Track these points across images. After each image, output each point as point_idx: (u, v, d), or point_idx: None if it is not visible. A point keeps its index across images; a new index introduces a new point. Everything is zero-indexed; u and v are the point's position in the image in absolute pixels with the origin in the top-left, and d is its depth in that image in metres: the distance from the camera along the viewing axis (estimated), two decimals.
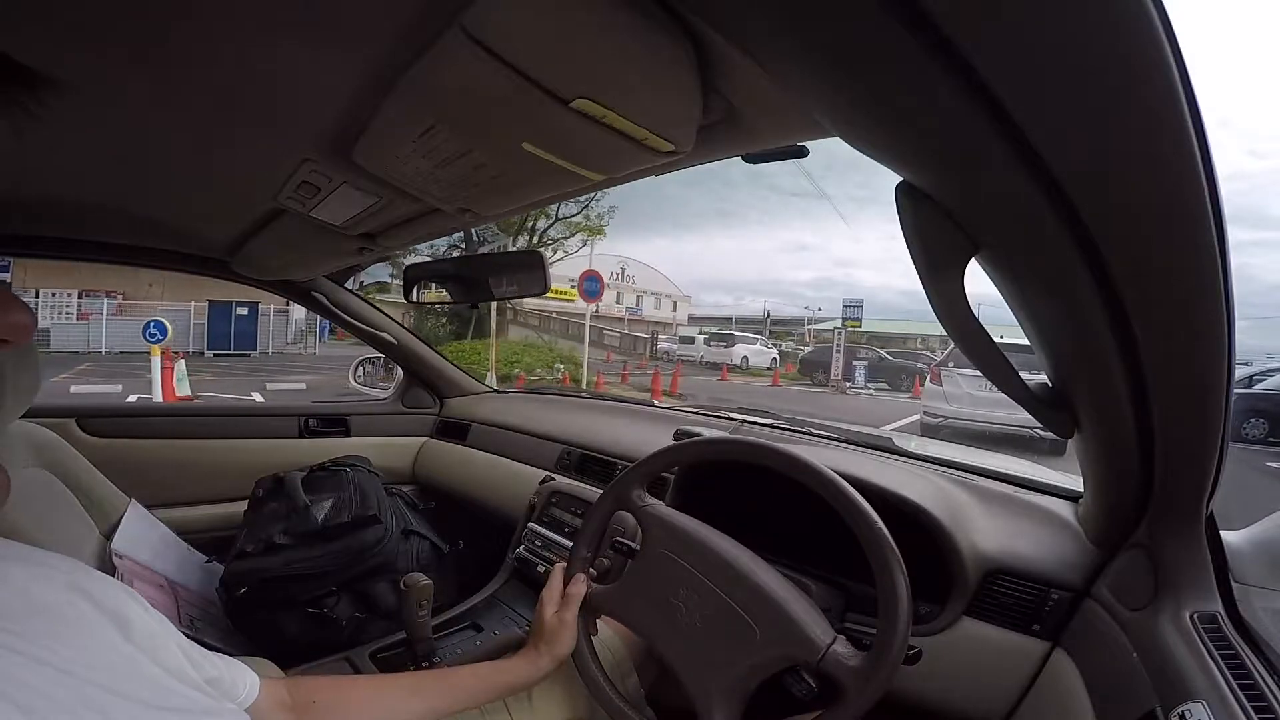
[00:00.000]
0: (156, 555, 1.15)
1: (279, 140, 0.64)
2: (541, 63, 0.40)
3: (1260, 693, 0.46)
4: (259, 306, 13.96)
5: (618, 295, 32.55)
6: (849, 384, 14.18)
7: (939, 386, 6.81)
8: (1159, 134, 0.28)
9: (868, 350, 17.07)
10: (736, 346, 18.60)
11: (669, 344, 20.66)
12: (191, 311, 13.61)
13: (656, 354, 20.30)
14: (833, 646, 0.62)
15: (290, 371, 11.30)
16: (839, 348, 14.69)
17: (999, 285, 0.43)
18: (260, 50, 0.46)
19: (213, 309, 13.53)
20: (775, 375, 15.87)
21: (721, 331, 21.77)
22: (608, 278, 32.85)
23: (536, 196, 0.67)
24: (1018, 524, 0.83)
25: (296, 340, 15.35)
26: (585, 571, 0.78)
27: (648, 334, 21.98)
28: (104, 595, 0.40)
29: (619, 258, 31.93)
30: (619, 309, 24.77)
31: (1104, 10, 0.23)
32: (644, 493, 0.79)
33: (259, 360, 13.44)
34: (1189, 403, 0.46)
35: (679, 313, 36.73)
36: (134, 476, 1.26)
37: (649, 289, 35.27)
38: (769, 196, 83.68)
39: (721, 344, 18.94)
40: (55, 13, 0.40)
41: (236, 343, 13.91)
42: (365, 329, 1.58)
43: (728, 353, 18.08)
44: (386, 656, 0.97)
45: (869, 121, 0.35)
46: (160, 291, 13.78)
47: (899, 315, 34.54)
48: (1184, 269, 0.35)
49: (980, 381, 6.00)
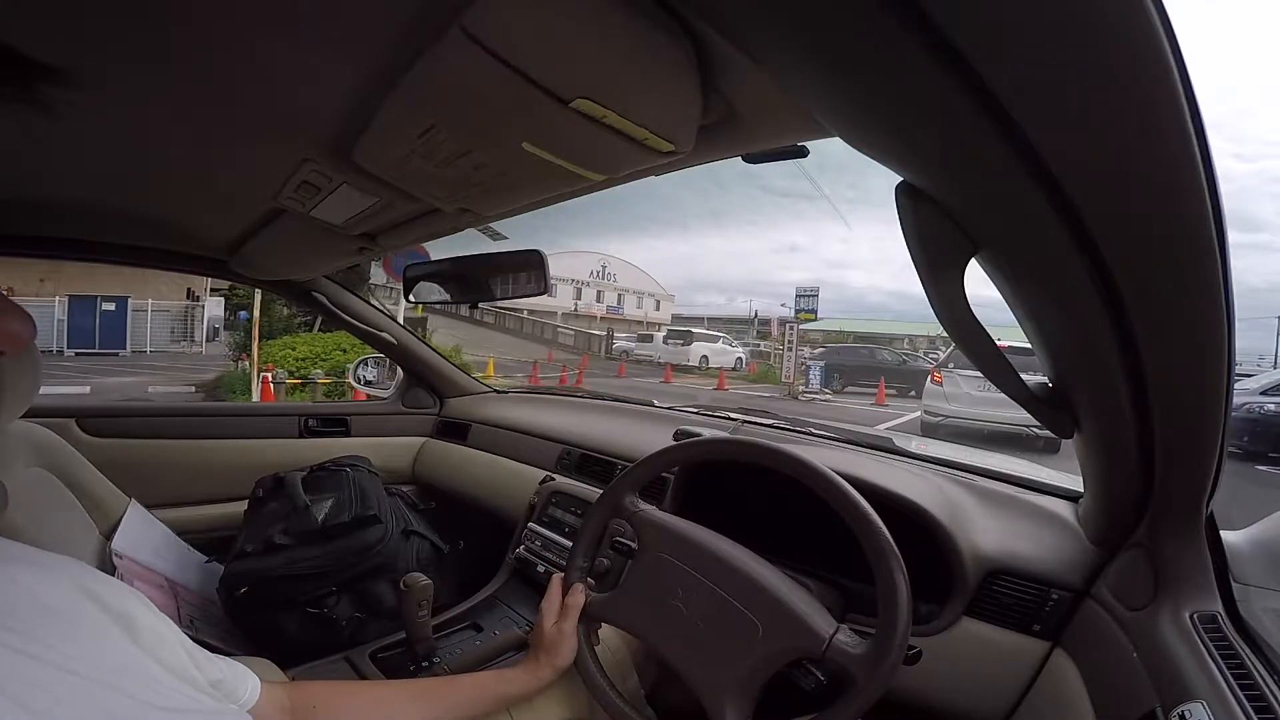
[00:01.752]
0: (156, 555, 1.16)
1: (279, 140, 0.64)
2: (541, 63, 0.40)
3: (1260, 693, 0.46)
4: (129, 301, 12.54)
5: (598, 293, 31.63)
6: (803, 387, 12.48)
7: (940, 387, 7.07)
8: (1159, 134, 0.28)
9: (839, 348, 15.51)
10: (694, 345, 16.95)
11: (627, 342, 19.39)
12: (56, 307, 11.88)
13: (612, 353, 19.05)
14: (836, 636, 0.62)
15: (155, 371, 10.19)
16: (790, 345, 13.22)
17: (999, 285, 0.43)
18: (260, 50, 0.46)
19: (73, 304, 11.96)
20: (721, 377, 13.48)
21: (678, 329, 20.18)
22: (587, 275, 32.41)
23: (536, 196, 0.67)
24: (1018, 524, 0.83)
25: (211, 339, 13.54)
26: (584, 581, 0.78)
27: (604, 332, 20.68)
28: (111, 597, 0.40)
29: (600, 255, 31.06)
30: (599, 307, 23.92)
31: (1104, 11, 0.23)
32: (636, 498, 0.79)
33: (128, 360, 11.98)
34: (1189, 402, 0.46)
35: (662, 311, 35.88)
36: (134, 476, 1.26)
37: (631, 287, 34.48)
38: (760, 197, 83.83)
39: (678, 341, 17.37)
40: (56, 11, 0.40)
41: (102, 340, 12.34)
42: (365, 329, 1.58)
43: (685, 351, 16.65)
44: (386, 656, 0.97)
45: (869, 122, 0.35)
46: (54, 288, 12.01)
47: (889, 315, 34.48)
48: (1184, 269, 0.35)
49: (980, 382, 6.10)
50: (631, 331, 21.65)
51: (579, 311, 21.38)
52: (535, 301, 18.97)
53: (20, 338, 0.31)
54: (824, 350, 15.52)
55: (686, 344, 16.97)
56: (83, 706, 0.33)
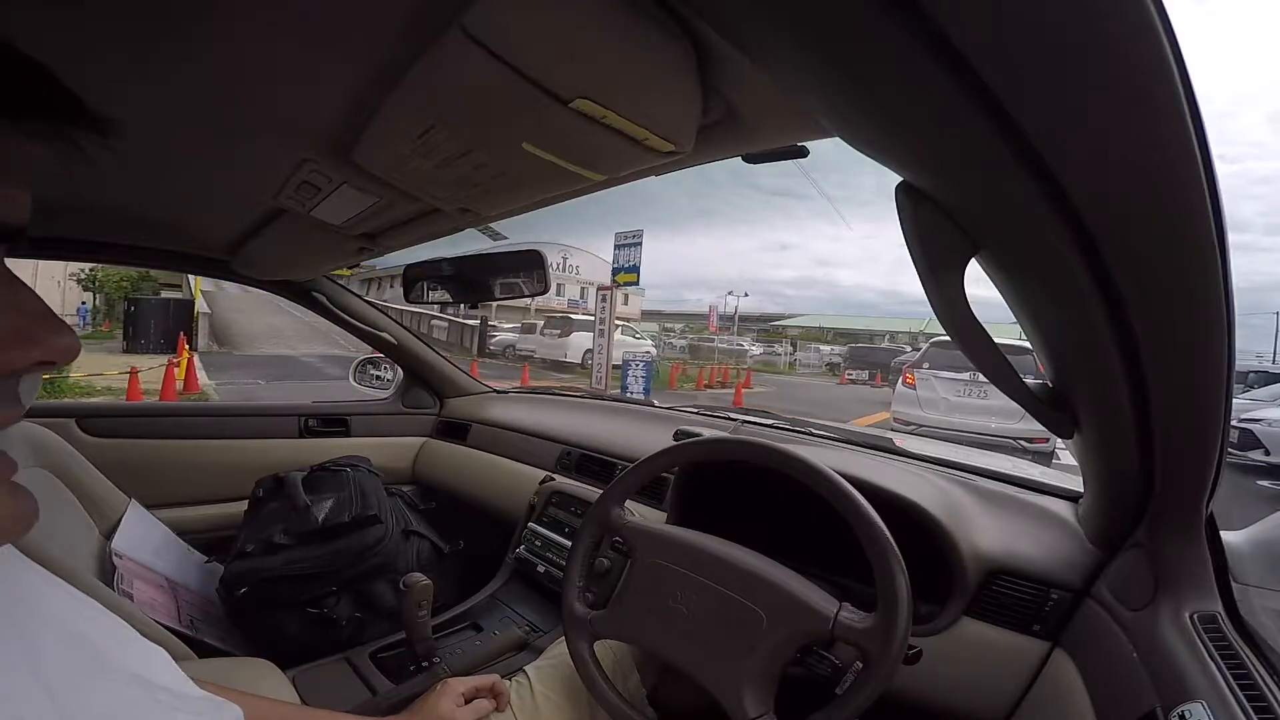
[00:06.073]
0: (156, 555, 1.15)
1: (279, 140, 0.64)
2: (541, 63, 0.40)
3: (1260, 693, 0.46)
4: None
5: (558, 287, 28.53)
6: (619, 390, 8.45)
7: (912, 390, 6.06)
8: (1160, 134, 0.28)
9: (860, 347, 15.62)
10: (574, 337, 12.83)
11: (511, 335, 15.48)
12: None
13: (488, 350, 15.06)
14: (840, 614, 0.62)
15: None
16: (600, 332, 8.99)
17: (999, 285, 0.43)
18: (260, 50, 0.46)
19: None
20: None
21: (556, 317, 15.47)
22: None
23: (536, 196, 0.67)
24: (1018, 524, 0.83)
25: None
26: (581, 599, 0.78)
27: (476, 321, 16.31)
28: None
29: (561, 246, 28.21)
30: (559, 301, 20.83)
31: (1105, 11, 0.23)
32: (623, 510, 0.79)
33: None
34: (1189, 402, 0.46)
35: (631, 306, 32.73)
36: (134, 476, 1.25)
37: (595, 280, 32.32)
38: (751, 195, 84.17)
39: (554, 332, 13.60)
40: (56, 10, 0.40)
41: None
42: (365, 329, 1.58)
43: (562, 345, 12.91)
44: (386, 657, 0.97)
45: (868, 122, 0.35)
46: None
47: (877, 312, 34.32)
48: (1184, 269, 0.35)
49: (959, 385, 5.64)
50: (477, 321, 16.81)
51: (538, 307, 19.11)
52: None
53: (72, 350, 0.31)
54: (848, 349, 15.44)
55: (564, 335, 13.23)
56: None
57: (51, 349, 0.30)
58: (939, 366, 5.91)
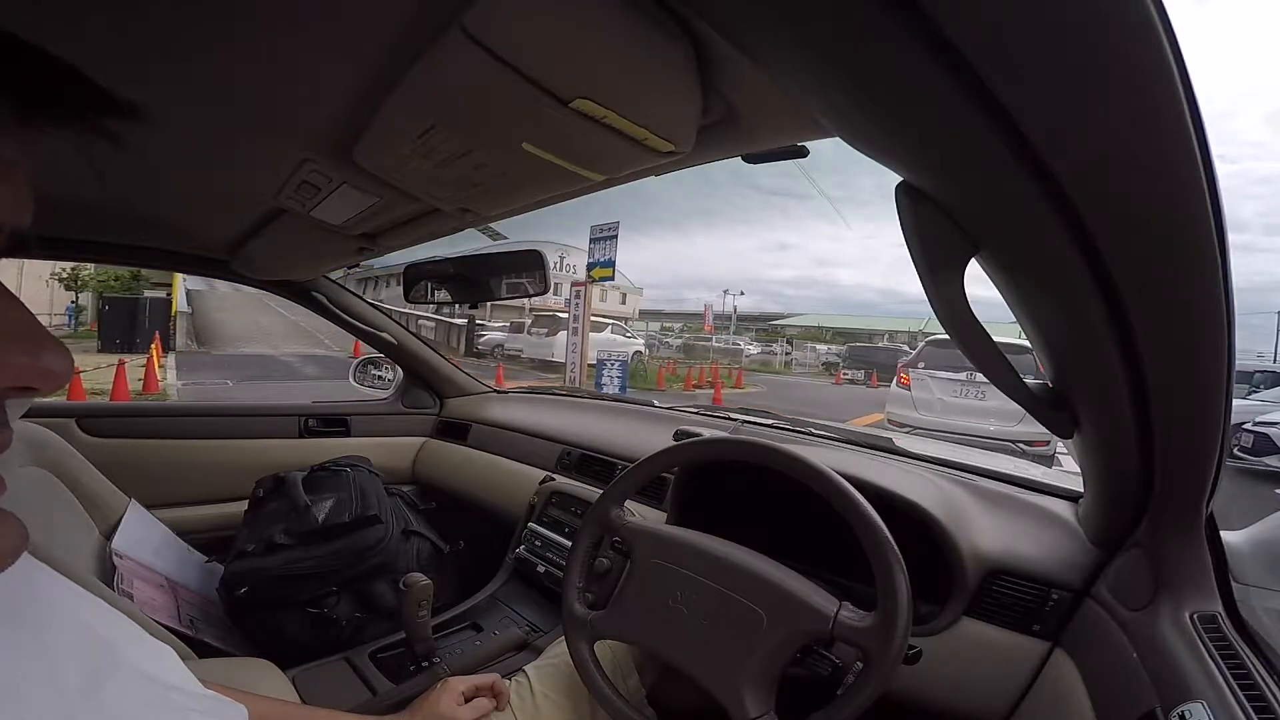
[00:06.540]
0: (156, 555, 1.15)
1: (279, 140, 0.64)
2: (541, 63, 0.40)
3: (1260, 693, 0.46)
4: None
5: (555, 286, 29.89)
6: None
7: (907, 390, 5.86)
8: (1160, 134, 0.28)
9: (863, 347, 15.49)
10: (560, 335, 12.14)
11: (499, 334, 15.23)
12: None
13: (475, 349, 14.89)
14: (840, 613, 0.62)
15: None
16: (574, 330, 9.08)
17: (999, 285, 0.43)
18: (260, 50, 0.46)
19: None
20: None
21: (544, 315, 15.31)
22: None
23: (536, 197, 0.67)
24: (1018, 524, 0.83)
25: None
26: (581, 599, 0.78)
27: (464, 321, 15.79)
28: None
29: (559, 246, 27.10)
30: (556, 300, 20.39)
31: (1105, 11, 0.23)
32: (623, 510, 0.79)
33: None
34: (1189, 402, 0.46)
35: (628, 305, 33.42)
36: (134, 476, 1.25)
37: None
38: (750, 195, 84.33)
39: (542, 331, 13.47)
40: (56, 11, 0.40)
41: None
42: (365, 329, 1.58)
43: (549, 343, 12.77)
44: (386, 657, 0.97)
45: (868, 122, 0.35)
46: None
47: (876, 312, 34.27)
48: (1184, 269, 0.35)
49: (956, 386, 5.44)
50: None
51: (532, 306, 18.95)
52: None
53: (55, 375, 0.26)
54: (848, 349, 15.17)
55: (552, 334, 12.94)
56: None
57: (26, 372, 0.25)
58: (935, 366, 5.70)
